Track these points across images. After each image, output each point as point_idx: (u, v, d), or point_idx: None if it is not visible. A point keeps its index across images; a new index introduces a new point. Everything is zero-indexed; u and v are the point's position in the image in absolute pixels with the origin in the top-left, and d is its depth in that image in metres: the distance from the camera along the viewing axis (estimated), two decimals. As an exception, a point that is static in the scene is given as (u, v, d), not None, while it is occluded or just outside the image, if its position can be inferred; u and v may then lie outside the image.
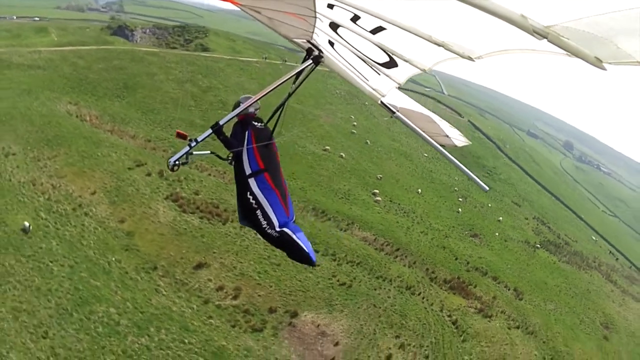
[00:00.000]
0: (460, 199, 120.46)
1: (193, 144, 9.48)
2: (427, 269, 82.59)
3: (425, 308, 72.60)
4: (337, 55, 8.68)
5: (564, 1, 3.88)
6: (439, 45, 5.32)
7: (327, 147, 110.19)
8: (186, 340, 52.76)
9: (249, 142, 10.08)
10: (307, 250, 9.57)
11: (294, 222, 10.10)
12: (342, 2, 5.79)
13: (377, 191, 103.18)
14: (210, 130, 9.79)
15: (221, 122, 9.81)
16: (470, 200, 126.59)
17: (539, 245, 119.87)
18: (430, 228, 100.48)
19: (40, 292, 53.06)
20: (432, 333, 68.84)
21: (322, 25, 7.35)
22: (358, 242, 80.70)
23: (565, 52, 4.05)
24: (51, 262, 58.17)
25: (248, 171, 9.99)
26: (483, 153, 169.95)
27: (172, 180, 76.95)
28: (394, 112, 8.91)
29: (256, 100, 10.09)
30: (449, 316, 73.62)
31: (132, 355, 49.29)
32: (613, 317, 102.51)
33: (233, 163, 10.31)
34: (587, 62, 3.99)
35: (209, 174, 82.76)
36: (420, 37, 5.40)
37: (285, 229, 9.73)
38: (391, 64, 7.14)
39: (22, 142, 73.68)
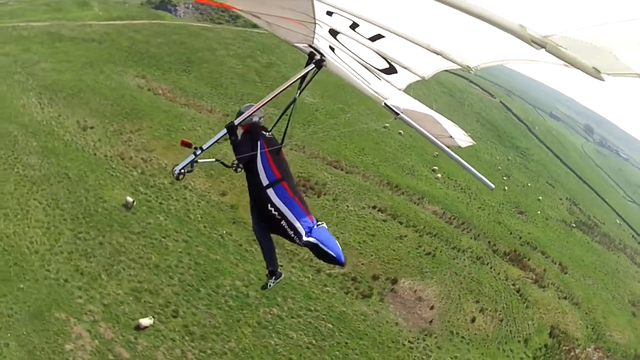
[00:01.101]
0: (504, 178, 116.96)
1: (198, 152, 9.06)
2: (489, 242, 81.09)
3: (494, 277, 72.13)
4: (339, 59, 8.16)
5: (563, 11, 3.55)
6: (437, 54, 4.89)
7: (387, 125, 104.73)
8: (312, 308, 52.12)
9: (262, 152, 9.23)
10: (335, 254, 8.85)
11: (317, 224, 9.20)
12: (341, 10, 5.39)
13: (436, 167, 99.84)
14: (217, 136, 9.21)
15: (236, 122, 9.19)
16: (513, 179, 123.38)
17: (574, 225, 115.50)
18: (485, 204, 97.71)
19: (160, 269, 50.64)
20: (503, 299, 68.51)
21: (322, 31, 6.92)
22: (430, 215, 79.23)
23: (563, 63, 3.67)
24: (163, 237, 54.82)
25: (265, 182, 9.10)
26: (516, 134, 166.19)
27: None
28: (398, 114, 8.44)
29: (261, 107, 9.37)
30: (513, 285, 73.09)
31: (267, 326, 48.07)
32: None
33: (238, 170, 9.70)
34: (585, 72, 3.62)
35: (290, 149, 77.30)
36: (419, 45, 4.97)
37: (311, 239, 8.87)
38: (391, 70, 6.65)
39: (98, 116, 68.56)
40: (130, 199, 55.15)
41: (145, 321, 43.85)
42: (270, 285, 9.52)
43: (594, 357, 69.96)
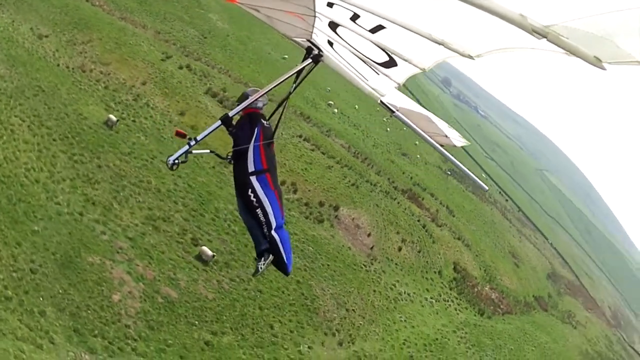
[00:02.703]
0: (384, 119, 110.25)
1: (192, 142, 7.93)
2: (389, 179, 79.08)
3: (403, 211, 71.34)
4: (337, 54, 7.35)
5: (564, 0, 3.14)
6: (438, 43, 4.32)
7: (286, 56, 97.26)
8: (291, 231, 47.86)
9: (257, 140, 8.21)
10: (286, 262, 8.11)
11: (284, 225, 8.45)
12: (342, 1, 4.82)
13: (331, 102, 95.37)
14: (212, 127, 8.04)
15: (231, 114, 8.16)
16: (393, 120, 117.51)
17: (448, 172, 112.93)
18: (376, 142, 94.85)
19: (162, 194, 45.08)
20: (415, 233, 68.31)
21: (322, 24, 6.22)
22: (340, 148, 77.19)
23: (564, 52, 3.24)
24: (152, 158, 47.94)
25: (251, 169, 8.11)
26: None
27: (200, 76, 66.93)
28: (393, 112, 7.49)
29: (262, 95, 8.31)
30: (418, 220, 72.54)
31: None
32: (516, 250, 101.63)
33: (232, 161, 8.52)
34: (587, 61, 3.18)
35: (224, 73, 72.92)
36: (420, 35, 4.38)
37: (275, 236, 8.05)
38: (390, 63, 5.90)
39: (49, 24, 57.54)
40: (113, 117, 47.84)
41: (207, 252, 40.97)
42: (260, 268, 8.30)
43: (492, 295, 70.90)
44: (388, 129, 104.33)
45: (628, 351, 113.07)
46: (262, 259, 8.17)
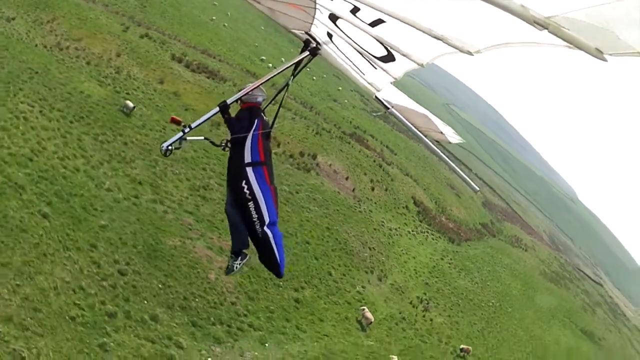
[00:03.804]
0: (307, 69, 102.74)
1: (187, 129, 7.23)
2: (335, 124, 75.06)
3: (359, 153, 68.63)
4: (335, 47, 6.83)
5: None
6: (438, 38, 3.99)
7: (214, 18, 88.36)
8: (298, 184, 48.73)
9: (256, 132, 7.35)
10: (279, 262, 7.17)
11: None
12: None
13: (264, 57, 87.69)
14: (208, 115, 7.39)
15: (228, 101, 7.40)
16: (313, 70, 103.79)
17: (374, 114, 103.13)
18: (312, 92, 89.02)
19: (190, 163, 40.48)
20: (377, 173, 66.24)
21: (322, 16, 5.77)
22: (287, 99, 72.61)
23: (565, 44, 3.02)
24: (163, 128, 42.93)
25: (248, 159, 7.26)
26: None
27: (159, 43, 61.20)
28: (388, 108, 7.04)
29: (258, 86, 7.57)
30: (374, 161, 69.96)
31: (296, 203, 44.17)
32: (452, 181, 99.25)
33: (227, 149, 7.69)
34: (588, 53, 2.97)
35: (173, 39, 66.69)
36: (420, 30, 4.02)
37: (269, 233, 7.12)
38: (389, 57, 5.44)
39: (11, 6, 50.49)
40: (130, 104, 42.16)
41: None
42: (236, 268, 7.60)
43: (450, 225, 71.60)
44: (314, 78, 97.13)
45: (576, 273, 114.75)
46: (240, 258, 7.54)
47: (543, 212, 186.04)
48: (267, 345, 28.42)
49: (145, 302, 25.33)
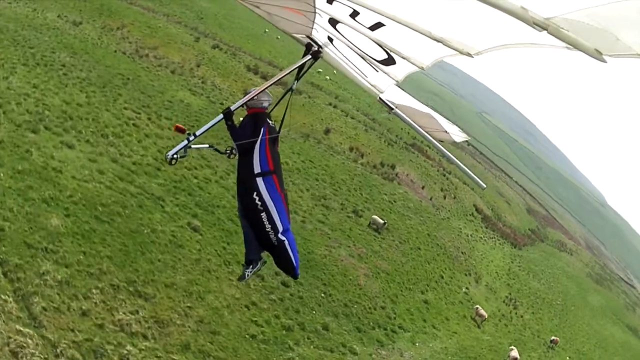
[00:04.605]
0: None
1: (191, 137, 6.77)
2: (396, 135, 71.00)
3: (424, 162, 66.53)
4: (336, 51, 6.56)
5: None
6: (437, 41, 3.78)
7: (267, 30, 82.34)
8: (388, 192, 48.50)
9: (263, 140, 6.85)
10: (294, 265, 6.89)
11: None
12: None
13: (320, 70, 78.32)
14: (213, 122, 6.93)
15: (232, 108, 6.93)
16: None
17: None
18: (369, 103, 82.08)
19: (302, 173, 39.96)
20: (444, 181, 64.91)
21: (322, 21, 5.51)
22: (356, 113, 70.19)
23: (565, 45, 2.84)
24: None
25: (257, 170, 6.78)
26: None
27: (230, 54, 58.46)
28: (392, 109, 6.73)
29: (262, 91, 7.02)
30: (437, 170, 67.66)
31: None
32: (500, 189, 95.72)
33: (232, 156, 7.36)
34: (588, 54, 2.78)
35: (238, 50, 63.05)
36: (420, 33, 3.82)
37: (285, 240, 6.78)
38: (389, 61, 5.22)
39: (74, 12, 47.31)
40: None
41: (379, 220, 39.14)
42: (247, 275, 7.31)
43: (507, 230, 69.38)
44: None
45: (613, 275, 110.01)
46: (251, 266, 7.28)
47: (575, 217, 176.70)
48: (416, 344, 28.69)
49: (314, 312, 25.29)
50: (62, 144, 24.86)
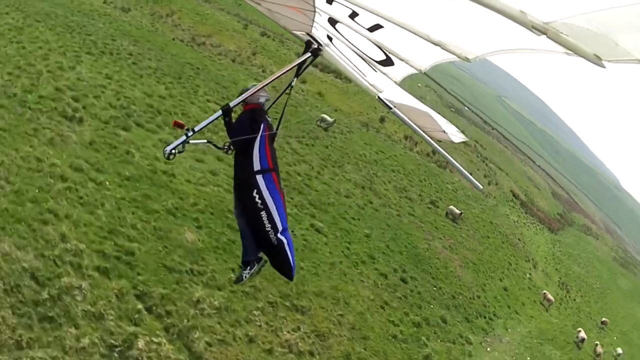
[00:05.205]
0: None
1: (190, 133, 6.26)
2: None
3: (464, 147, 63.45)
4: (336, 49, 6.27)
5: None
6: (436, 44, 3.60)
7: None
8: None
9: (262, 137, 6.34)
10: (292, 264, 6.32)
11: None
12: None
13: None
14: (212, 118, 6.50)
15: (231, 105, 6.46)
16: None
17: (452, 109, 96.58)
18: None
19: (379, 164, 38.02)
20: (482, 166, 63.66)
21: (321, 19, 5.29)
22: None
23: (564, 50, 2.71)
24: (349, 132, 39.74)
25: (257, 167, 6.24)
26: None
27: (278, 42, 55.01)
28: (391, 108, 6.39)
29: (262, 88, 6.50)
30: (477, 156, 66.26)
31: None
32: (527, 174, 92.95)
33: (229, 152, 6.77)
34: (587, 59, 2.65)
35: (281, 36, 57.81)
36: (418, 35, 3.64)
37: (283, 239, 6.21)
38: (388, 62, 4.98)
39: None
40: (328, 118, 37.22)
41: (455, 211, 38.84)
42: (244, 277, 6.79)
43: (541, 215, 67.44)
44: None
45: (636, 259, 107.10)
46: (248, 267, 6.79)
47: (593, 200, 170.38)
48: (508, 330, 28.85)
49: (431, 306, 24.84)
50: (161, 142, 21.59)
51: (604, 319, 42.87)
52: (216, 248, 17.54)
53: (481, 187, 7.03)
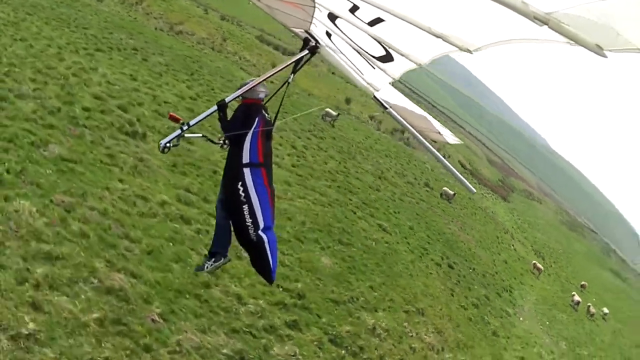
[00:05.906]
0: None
1: (185, 127, 5.86)
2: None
3: None
4: (334, 47, 6.02)
5: None
6: (437, 37, 3.39)
7: None
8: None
9: (255, 132, 5.83)
10: (272, 268, 5.69)
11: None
12: None
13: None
14: (207, 113, 6.04)
15: (227, 100, 6.02)
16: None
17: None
18: None
19: (378, 152, 38.12)
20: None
21: (321, 15, 5.07)
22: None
23: (566, 40, 2.55)
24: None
25: (246, 160, 5.75)
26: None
27: (237, 25, 53.04)
28: (386, 108, 6.01)
29: (260, 83, 6.09)
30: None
31: None
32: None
33: (224, 146, 6.31)
34: (588, 49, 2.50)
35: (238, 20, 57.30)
36: (420, 28, 3.43)
37: (264, 237, 5.60)
38: (387, 57, 4.74)
39: None
40: (332, 112, 36.29)
41: (449, 192, 39.24)
42: (207, 268, 6.20)
43: (489, 184, 68.12)
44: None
45: (580, 222, 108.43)
46: (213, 259, 6.25)
47: (525, 165, 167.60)
48: (524, 299, 30.44)
49: (475, 287, 24.97)
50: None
51: (583, 282, 44.26)
52: (351, 269, 16.29)
53: (474, 190, 6.67)
